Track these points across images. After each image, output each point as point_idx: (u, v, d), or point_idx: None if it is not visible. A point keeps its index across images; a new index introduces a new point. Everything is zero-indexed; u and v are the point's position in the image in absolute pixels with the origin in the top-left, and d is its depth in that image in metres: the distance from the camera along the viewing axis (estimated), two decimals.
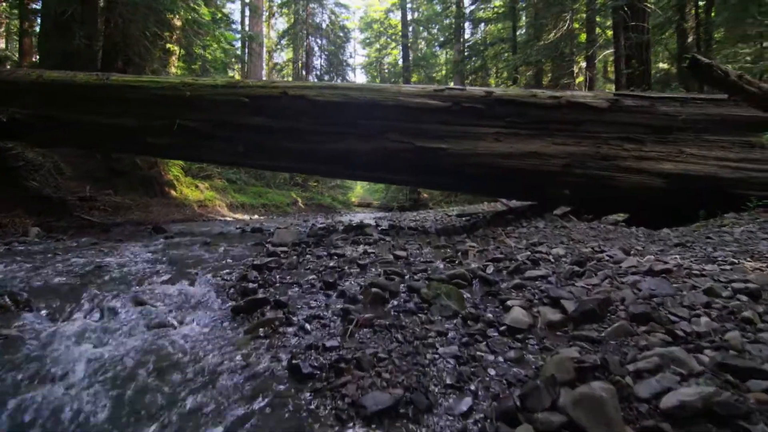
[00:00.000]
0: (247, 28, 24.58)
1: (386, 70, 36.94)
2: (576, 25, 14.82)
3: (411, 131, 4.31)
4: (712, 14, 14.58)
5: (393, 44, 33.96)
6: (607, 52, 12.53)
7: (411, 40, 30.93)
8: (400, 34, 29.18)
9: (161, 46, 11.05)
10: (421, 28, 32.34)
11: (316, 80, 29.89)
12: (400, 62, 30.28)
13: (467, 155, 4.23)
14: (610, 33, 16.51)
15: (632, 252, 2.38)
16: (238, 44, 23.67)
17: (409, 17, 31.84)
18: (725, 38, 14.50)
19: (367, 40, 37.11)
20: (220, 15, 21.86)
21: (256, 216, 11.23)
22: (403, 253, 2.46)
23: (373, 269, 2.12)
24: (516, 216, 5.27)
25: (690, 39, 15.02)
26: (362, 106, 4.32)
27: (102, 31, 9.21)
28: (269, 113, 4.50)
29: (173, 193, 10.13)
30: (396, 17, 31.72)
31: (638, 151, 4.10)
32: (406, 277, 1.86)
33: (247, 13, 25.82)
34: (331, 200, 18.53)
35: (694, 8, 13.46)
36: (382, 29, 34.60)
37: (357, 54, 44.27)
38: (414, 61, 29.82)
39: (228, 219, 9.69)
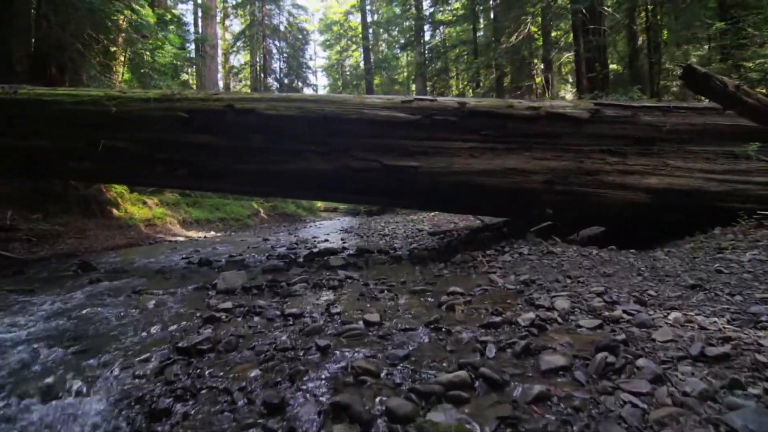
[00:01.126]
0: (200, 31, 23.31)
1: (348, 73, 36.44)
2: (533, 29, 14.90)
3: (377, 148, 3.83)
4: (659, 17, 15.10)
5: (354, 46, 33.47)
6: (568, 54, 12.60)
7: (372, 42, 30.57)
8: (360, 36, 28.71)
9: (98, 49, 10.01)
10: (381, 30, 32.05)
11: (275, 84, 28.91)
12: (362, 64, 29.82)
13: (441, 173, 3.79)
14: (565, 36, 16.79)
15: (648, 300, 2.00)
16: (193, 47, 22.48)
17: (369, 19, 31.45)
18: (671, 40, 15.03)
19: (328, 42, 36.40)
20: (170, 16, 20.63)
21: (212, 233, 10.39)
22: (375, 317, 1.96)
23: (338, 352, 1.61)
24: (493, 234, 4.91)
25: (640, 41, 15.49)
26: (322, 120, 3.79)
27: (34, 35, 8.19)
28: (214, 130, 3.88)
29: (116, 212, 9.16)
30: (356, 19, 31.26)
31: (622, 164, 3.82)
32: (383, 374, 1.37)
33: (201, 14, 24.51)
34: (296, 208, 17.74)
35: (645, 11, 13.83)
36: (342, 31, 34.02)
37: (317, 56, 43.48)
38: (375, 63, 29.48)
39: (180, 239, 8.84)
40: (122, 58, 12.17)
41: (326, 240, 6.78)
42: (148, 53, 13.20)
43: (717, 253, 2.97)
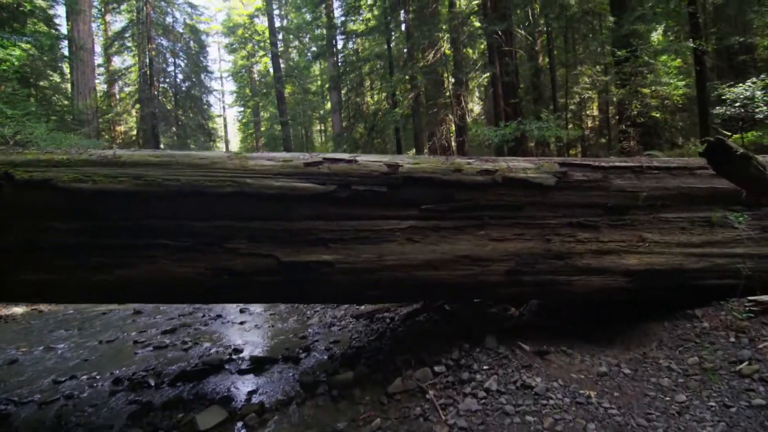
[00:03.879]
0: (77, 31, 19.45)
1: (257, 79, 33.98)
2: (444, 44, 14.61)
3: (271, 235, 2.52)
4: (556, 40, 15.81)
5: (262, 52, 31.09)
6: (486, 75, 12.33)
7: (281, 49, 28.65)
8: (268, 41, 26.61)
9: None
10: (291, 37, 30.29)
11: (171, 89, 25.56)
12: (272, 71, 27.67)
13: (367, 270, 2.60)
14: (482, 57, 16.88)
15: None
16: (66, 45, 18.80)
17: (278, 24, 29.53)
18: (568, 60, 15.83)
19: (232, 46, 33.49)
20: (28, 6, 17.01)
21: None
22: None
23: None
24: (435, 317, 3.85)
25: (540, 62, 16.08)
26: (177, 196, 2.38)
27: None
28: None
29: None
30: (262, 23, 29.03)
31: (595, 242, 2.99)
32: None
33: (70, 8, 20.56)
34: None
35: (546, 34, 14.25)
36: (247, 35, 31.45)
37: (224, 60, 40.21)
38: (286, 71, 27.64)
39: (17, 311, 6.48)
40: None
41: (219, 316, 5.19)
42: None
43: (744, 385, 2.19)
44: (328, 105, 26.78)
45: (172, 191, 2.37)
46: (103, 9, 25.17)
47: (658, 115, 11.32)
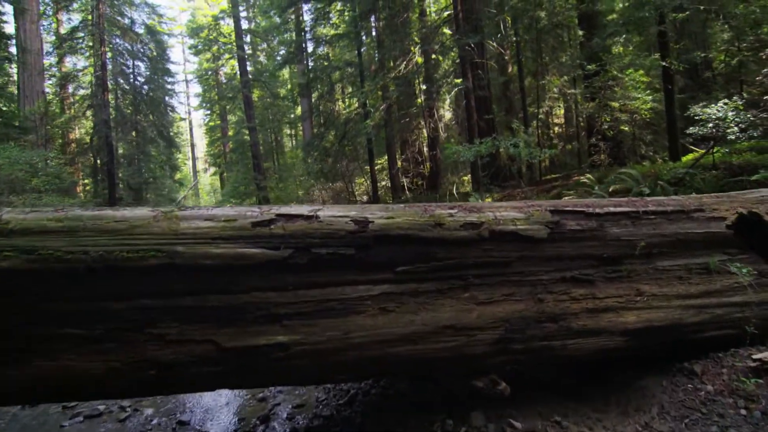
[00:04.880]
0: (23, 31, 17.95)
1: (224, 82, 32.75)
2: (416, 53, 14.37)
3: (209, 314, 2.03)
4: (524, 49, 15.89)
5: (228, 54, 29.93)
6: (460, 86, 12.07)
7: (249, 52, 27.67)
8: (234, 44, 25.61)
9: None
10: (259, 40, 29.36)
11: (130, 93, 24.12)
12: (239, 74, 26.63)
13: (331, 351, 2.15)
14: (447, 63, 16.71)
15: None
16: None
17: (245, 26, 28.54)
18: (534, 69, 15.94)
19: (197, 47, 32.11)
20: None
21: None
22: None
23: None
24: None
25: (509, 71, 16.12)
26: (85, 274, 1.85)
27: None
28: None
29: None
30: (228, 24, 27.95)
31: (591, 298, 2.66)
32: None
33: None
34: None
35: (516, 45, 14.27)
36: (213, 37, 30.19)
37: (188, 61, 38.71)
38: (254, 75, 26.70)
39: None
40: None
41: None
42: None
43: None
44: (299, 110, 26.07)
45: (78, 268, 1.84)
46: (55, 6, 23.55)
47: (627, 128, 11.42)
